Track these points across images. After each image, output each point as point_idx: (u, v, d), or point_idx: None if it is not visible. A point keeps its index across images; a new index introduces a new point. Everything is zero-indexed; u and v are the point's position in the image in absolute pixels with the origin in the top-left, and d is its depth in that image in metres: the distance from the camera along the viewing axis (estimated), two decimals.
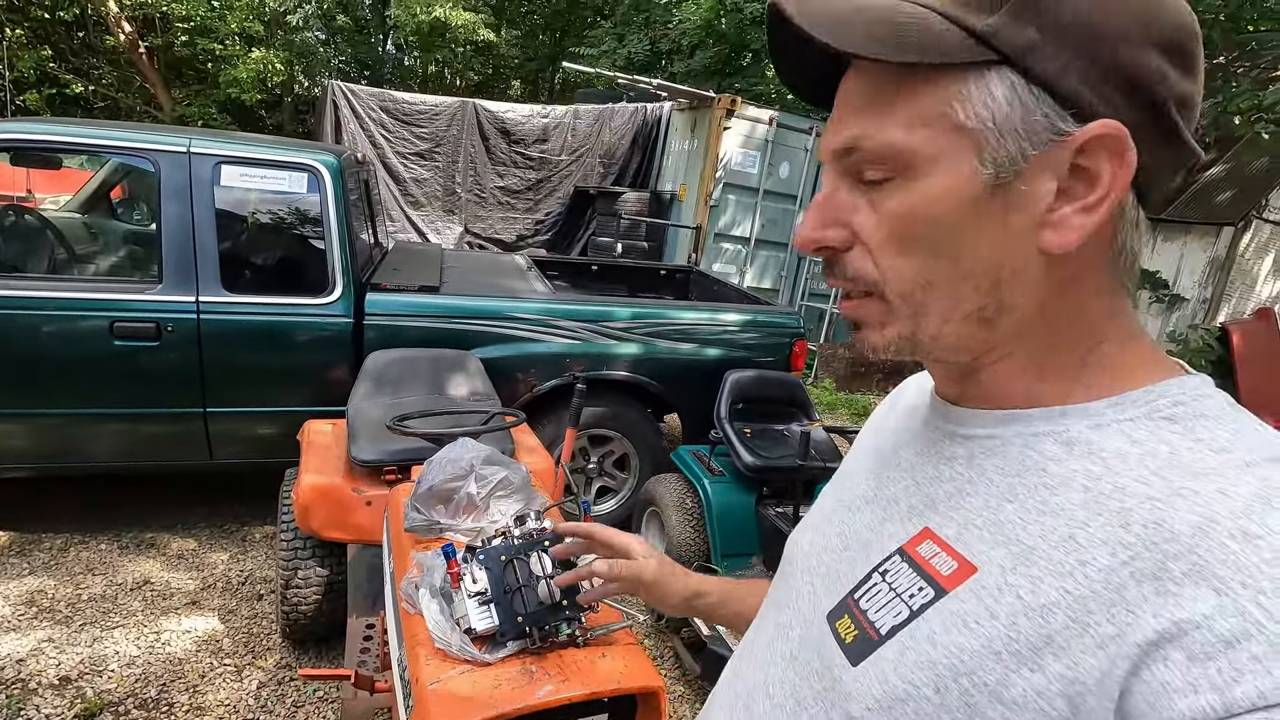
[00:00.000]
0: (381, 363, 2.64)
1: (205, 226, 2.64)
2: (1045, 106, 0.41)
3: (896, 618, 0.46)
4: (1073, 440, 0.44)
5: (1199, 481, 0.39)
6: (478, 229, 7.73)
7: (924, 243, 0.44)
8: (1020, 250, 0.43)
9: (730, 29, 9.41)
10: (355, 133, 7.08)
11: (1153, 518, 0.38)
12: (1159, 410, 0.44)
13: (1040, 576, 0.41)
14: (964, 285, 0.44)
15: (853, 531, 0.56)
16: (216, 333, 2.66)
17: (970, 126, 0.42)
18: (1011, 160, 0.42)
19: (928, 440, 0.54)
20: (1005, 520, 0.44)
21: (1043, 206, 0.42)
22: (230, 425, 2.80)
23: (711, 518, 2.71)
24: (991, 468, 0.47)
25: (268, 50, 10.66)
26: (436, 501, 1.48)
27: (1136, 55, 0.40)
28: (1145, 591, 0.37)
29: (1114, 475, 0.42)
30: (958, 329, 0.46)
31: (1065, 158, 0.41)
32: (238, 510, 3.24)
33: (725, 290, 4.30)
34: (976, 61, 0.41)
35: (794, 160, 6.91)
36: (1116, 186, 0.41)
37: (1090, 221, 0.42)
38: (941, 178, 0.43)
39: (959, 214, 0.43)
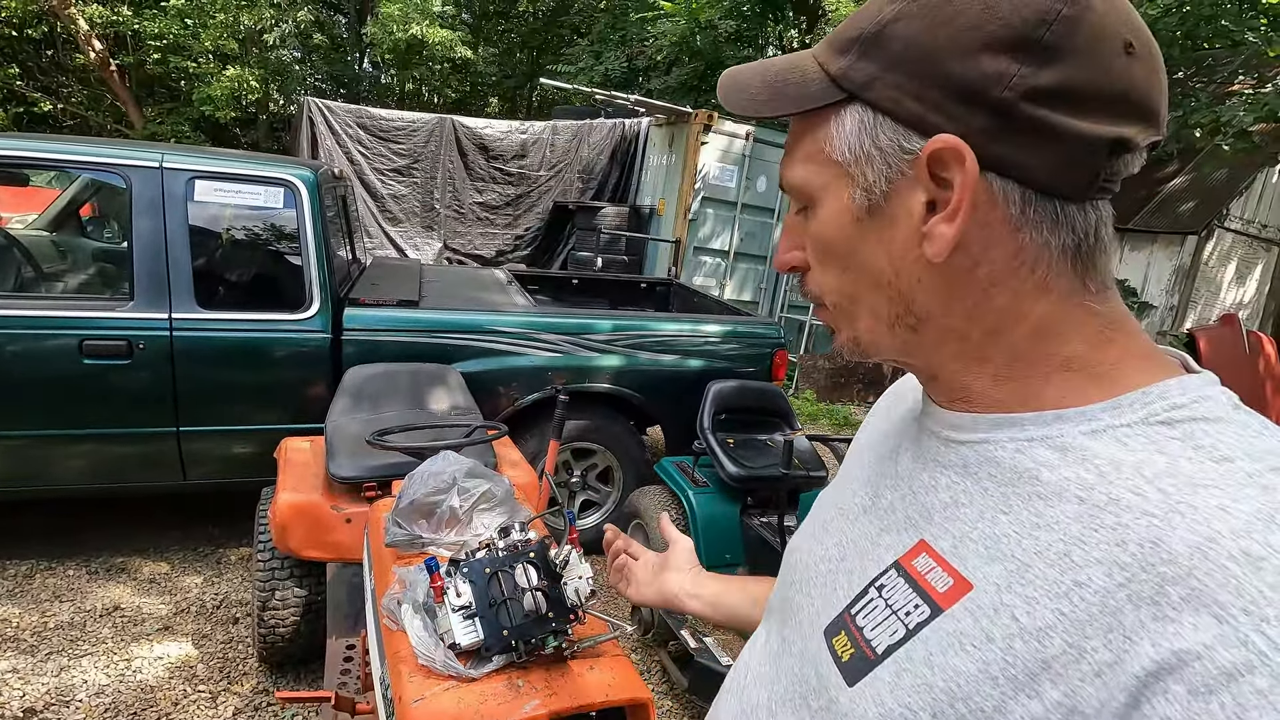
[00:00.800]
0: (360, 378, 2.60)
1: (178, 242, 2.59)
2: (889, 131, 0.45)
3: (893, 636, 0.46)
4: (1066, 446, 0.43)
5: (1198, 495, 0.37)
6: (457, 244, 7.71)
7: (833, 260, 0.50)
8: (910, 261, 0.46)
9: (705, 46, 9.53)
10: (332, 149, 7.04)
11: (1150, 536, 0.37)
12: (1155, 414, 0.42)
13: (1036, 597, 0.40)
14: (874, 295, 0.48)
15: (850, 541, 0.55)
16: (190, 350, 2.61)
17: (837, 159, 0.47)
18: (876, 183, 0.46)
19: (924, 445, 0.54)
20: (1000, 534, 0.43)
21: (917, 220, 0.45)
22: (204, 445, 2.74)
23: (696, 529, 2.70)
24: (986, 476, 0.47)
25: (243, 68, 10.58)
26: (418, 516, 1.45)
27: (968, 65, 0.41)
28: (1143, 617, 0.35)
29: (1108, 484, 0.40)
30: (888, 334, 0.49)
31: (924, 173, 0.44)
32: (212, 532, 3.16)
33: (706, 302, 4.32)
34: (834, 102, 0.47)
35: (770, 174, 6.99)
36: (965, 193, 0.42)
37: (952, 229, 0.43)
38: (830, 204, 0.48)
39: (848, 234, 0.48)
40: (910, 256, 0.46)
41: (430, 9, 11.28)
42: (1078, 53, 0.40)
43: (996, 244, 0.44)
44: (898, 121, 0.44)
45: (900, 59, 0.44)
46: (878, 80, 0.45)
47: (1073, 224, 0.44)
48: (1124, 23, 0.42)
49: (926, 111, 0.43)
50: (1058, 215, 0.43)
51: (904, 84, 0.44)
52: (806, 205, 0.51)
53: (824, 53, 0.49)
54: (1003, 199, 0.43)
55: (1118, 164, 0.43)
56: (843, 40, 0.47)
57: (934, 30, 0.42)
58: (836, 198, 0.48)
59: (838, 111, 0.47)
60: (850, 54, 0.46)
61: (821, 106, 0.47)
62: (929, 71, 0.43)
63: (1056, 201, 0.43)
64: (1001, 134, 0.42)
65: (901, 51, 0.44)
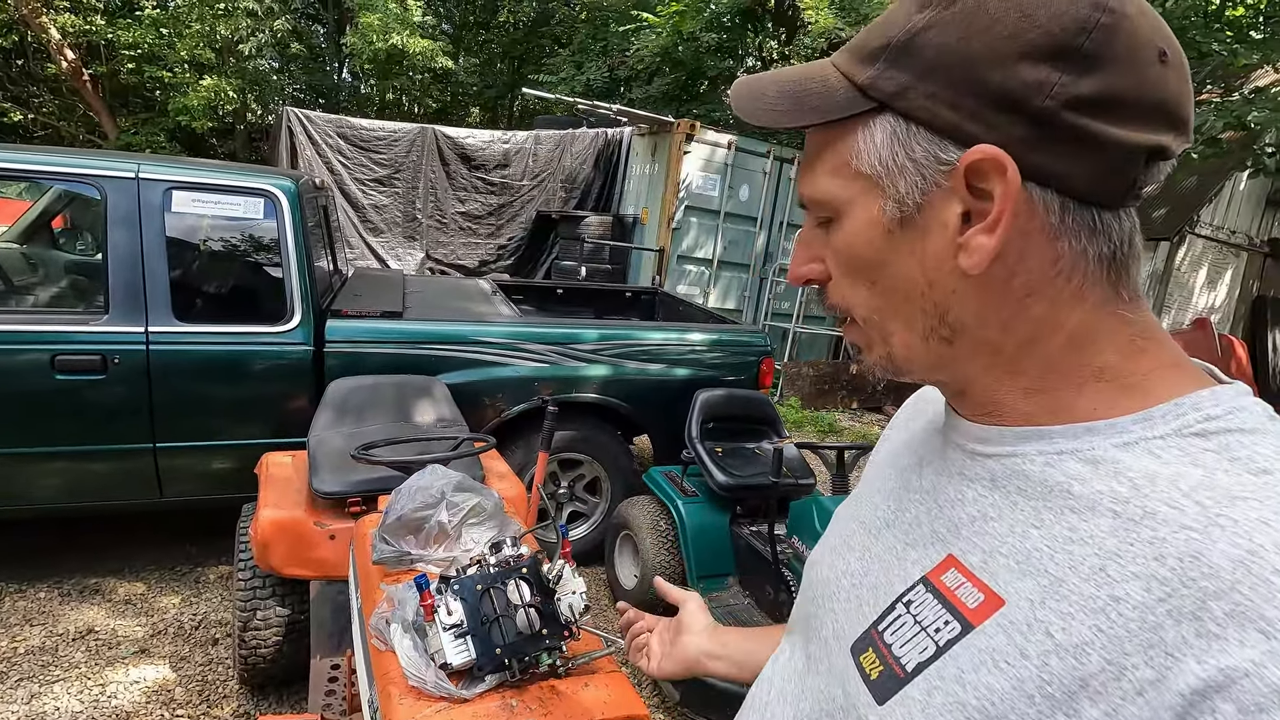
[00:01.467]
0: (343, 391, 2.56)
1: (155, 254, 2.54)
2: (924, 141, 0.44)
3: (923, 654, 0.45)
4: (1098, 459, 0.43)
5: (1237, 508, 0.36)
6: (439, 255, 7.65)
7: (863, 273, 0.48)
8: (946, 273, 0.45)
9: (688, 57, 9.59)
10: (312, 159, 6.97)
11: (1189, 550, 0.36)
12: (1189, 426, 0.41)
13: (1071, 612, 0.39)
14: (908, 308, 0.47)
15: (874, 556, 0.54)
16: (167, 364, 2.55)
17: (866, 171, 0.46)
18: (909, 194, 0.45)
19: (948, 458, 0.52)
20: (1032, 548, 0.42)
21: (952, 231, 0.44)
22: (182, 461, 2.67)
23: (686, 539, 2.68)
24: (1015, 489, 0.46)
25: (219, 78, 10.45)
26: (406, 532, 1.42)
27: (1007, 73, 0.40)
28: (1185, 633, 0.34)
29: (1143, 498, 0.39)
30: (922, 348, 0.48)
31: (960, 184, 0.43)
32: (190, 550, 3.09)
33: (691, 310, 4.32)
34: (862, 112, 0.45)
35: (753, 183, 7.03)
36: (1007, 204, 0.41)
37: (993, 240, 0.42)
38: (859, 217, 0.47)
39: (878, 246, 0.47)
40: (945, 268, 0.45)
41: (410, 19, 11.23)
42: (1117, 61, 0.40)
43: (1034, 253, 0.43)
44: (933, 131, 0.43)
45: (934, 67, 0.43)
46: (910, 89, 0.44)
47: (1109, 232, 0.43)
48: (1157, 31, 0.42)
49: (963, 121, 0.42)
50: (1095, 223, 0.43)
51: (939, 93, 0.43)
52: (830, 218, 0.49)
53: (847, 62, 0.47)
54: (1042, 208, 0.42)
55: (1152, 171, 0.43)
56: (869, 49, 0.46)
57: (970, 39, 0.42)
58: (865, 210, 0.47)
59: (866, 122, 0.46)
60: (879, 63, 0.45)
61: (847, 117, 0.46)
62: (966, 80, 0.42)
63: (1094, 210, 0.43)
64: (1041, 143, 0.41)
65: (936, 60, 0.43)
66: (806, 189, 0.50)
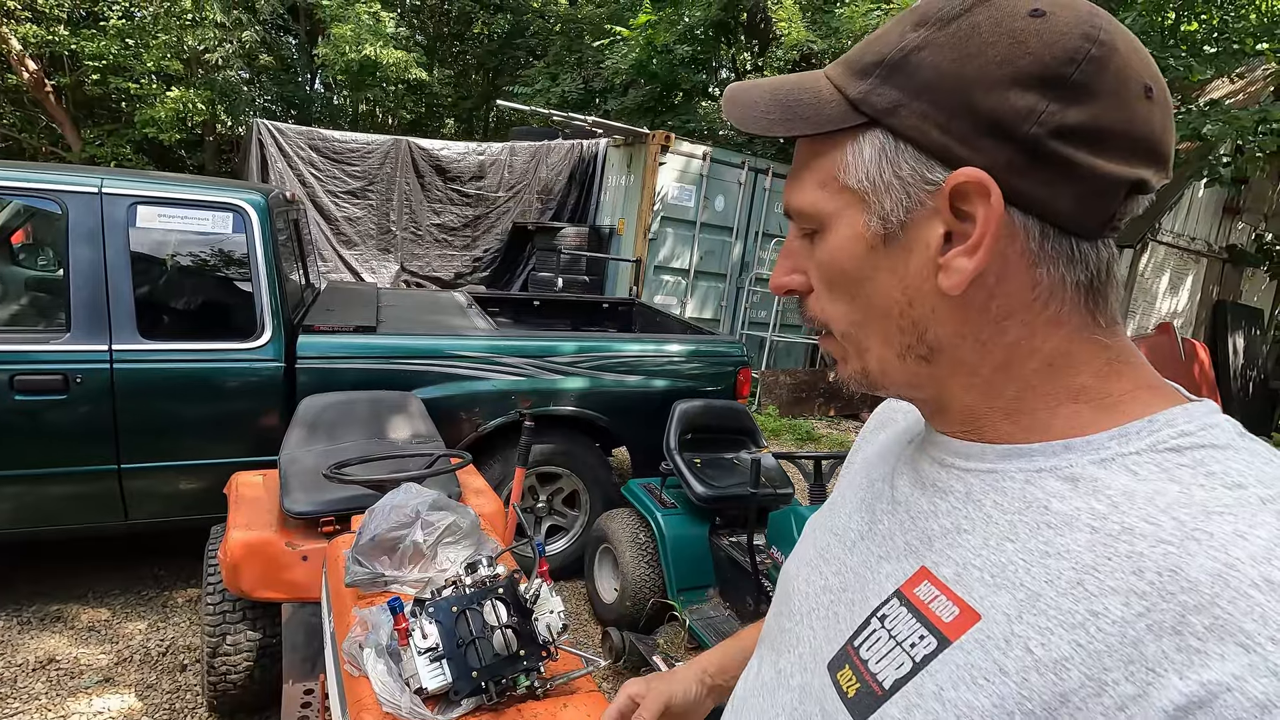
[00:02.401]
0: (316, 408, 2.51)
1: (119, 270, 2.48)
2: (911, 160, 0.44)
3: (899, 670, 0.44)
4: (1076, 476, 0.43)
5: (1213, 522, 0.37)
6: (414, 267, 7.59)
7: (844, 288, 0.48)
8: (926, 292, 0.45)
9: (662, 69, 9.66)
10: (283, 172, 6.89)
11: (1167, 564, 0.36)
12: (1164, 441, 0.42)
13: (1050, 627, 0.39)
14: (886, 324, 0.47)
15: (849, 569, 0.54)
16: (132, 383, 2.49)
17: (853, 186, 0.46)
18: (894, 211, 0.45)
19: (923, 471, 0.52)
20: (1006, 561, 0.42)
21: (934, 251, 0.44)
22: (148, 482, 2.60)
23: (666, 551, 2.67)
24: (990, 504, 0.46)
25: (187, 89, 10.29)
26: (380, 552, 1.40)
27: (998, 99, 0.41)
28: (1165, 648, 0.34)
29: (1120, 514, 0.40)
30: (898, 365, 0.48)
31: (945, 205, 0.43)
32: (157, 574, 3.00)
33: (668, 321, 4.32)
34: (852, 126, 0.45)
35: (728, 193, 7.09)
36: (989, 227, 0.42)
37: (972, 263, 0.42)
38: (843, 231, 0.47)
39: (861, 262, 0.47)
40: (926, 287, 0.45)
41: (383, 30, 11.17)
42: (1104, 94, 0.41)
43: (1013, 278, 0.44)
44: (921, 151, 0.43)
45: (927, 87, 0.43)
46: (902, 107, 0.44)
47: (1086, 261, 0.44)
48: (1144, 67, 0.42)
49: (952, 143, 0.42)
50: (1073, 252, 0.43)
51: (930, 113, 0.43)
52: (815, 230, 0.49)
53: (840, 75, 0.47)
54: (1023, 234, 0.43)
55: (1131, 204, 0.44)
56: (862, 64, 0.46)
57: (963, 61, 0.42)
58: (850, 225, 0.47)
59: (855, 137, 0.46)
60: (871, 78, 0.45)
61: (837, 130, 0.46)
62: (957, 102, 0.42)
63: (1072, 239, 0.43)
64: (1027, 169, 0.41)
65: (929, 80, 0.43)
66: (793, 199, 0.50)
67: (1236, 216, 8.81)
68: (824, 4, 8.24)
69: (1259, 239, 8.98)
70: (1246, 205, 8.81)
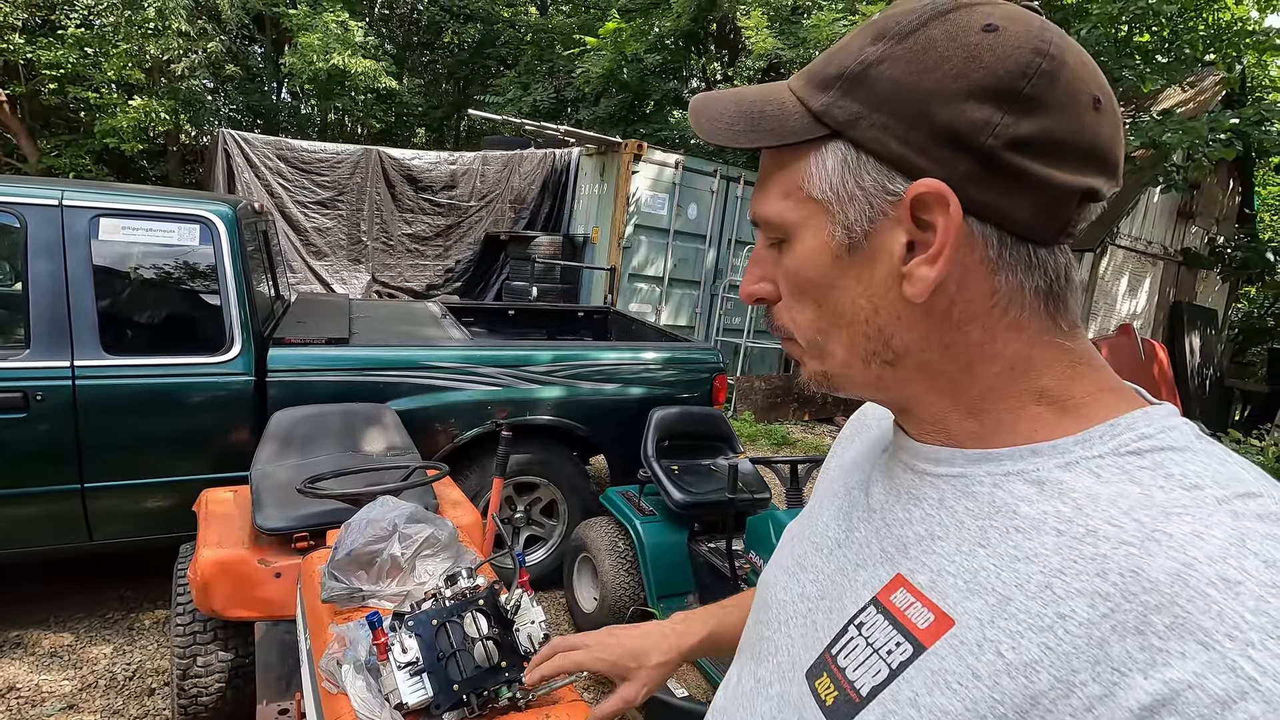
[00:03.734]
0: (288, 421, 2.47)
1: (81, 284, 2.42)
2: (872, 171, 0.45)
3: (876, 677, 0.45)
4: (1043, 480, 0.44)
5: (1172, 523, 0.38)
6: (386, 277, 7.52)
7: (809, 295, 0.49)
8: (890, 300, 0.46)
9: (633, 78, 9.73)
10: (250, 182, 6.78)
11: (1129, 565, 0.37)
12: (1125, 445, 0.43)
13: (1020, 631, 0.40)
14: (851, 331, 0.48)
15: (827, 577, 0.55)
16: (95, 400, 2.42)
17: (816, 196, 0.47)
18: (857, 221, 0.46)
19: (896, 477, 0.53)
20: (979, 567, 0.43)
21: (897, 260, 0.45)
22: (113, 501, 2.53)
23: (645, 558, 2.67)
24: (962, 510, 0.47)
25: (150, 98, 10.08)
26: (357, 567, 1.38)
27: (954, 111, 0.42)
28: (1129, 648, 0.35)
29: (1085, 517, 0.41)
30: (861, 369, 0.49)
31: (906, 215, 0.44)
32: (123, 595, 2.92)
33: (643, 329, 4.34)
34: (815, 138, 0.46)
35: (701, 201, 7.15)
36: (949, 237, 0.43)
37: (934, 272, 0.43)
38: (808, 241, 0.48)
39: (826, 270, 0.48)
40: (890, 295, 0.46)
41: (352, 39, 11.07)
42: (1054, 106, 0.42)
43: (973, 285, 0.45)
44: (881, 162, 0.44)
45: (886, 100, 0.44)
46: (862, 119, 0.44)
47: (1045, 266, 0.45)
48: (1093, 79, 0.44)
49: (911, 154, 0.43)
50: (1031, 258, 0.45)
51: (889, 125, 0.44)
52: (781, 239, 0.50)
53: (802, 87, 0.48)
54: (981, 242, 0.44)
55: (1084, 211, 0.45)
56: (823, 76, 0.47)
57: (921, 75, 0.43)
58: (815, 234, 0.48)
59: (818, 148, 0.47)
60: (832, 91, 0.46)
61: (801, 141, 0.47)
62: (915, 115, 0.43)
63: (1029, 245, 0.45)
64: (983, 180, 0.43)
65: (887, 93, 0.44)
66: (759, 209, 0.51)
67: (1190, 221, 9.12)
68: (791, 14, 8.38)
69: (1211, 242, 9.31)
70: (1199, 210, 9.13)
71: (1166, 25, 6.69)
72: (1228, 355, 9.75)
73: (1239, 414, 9.56)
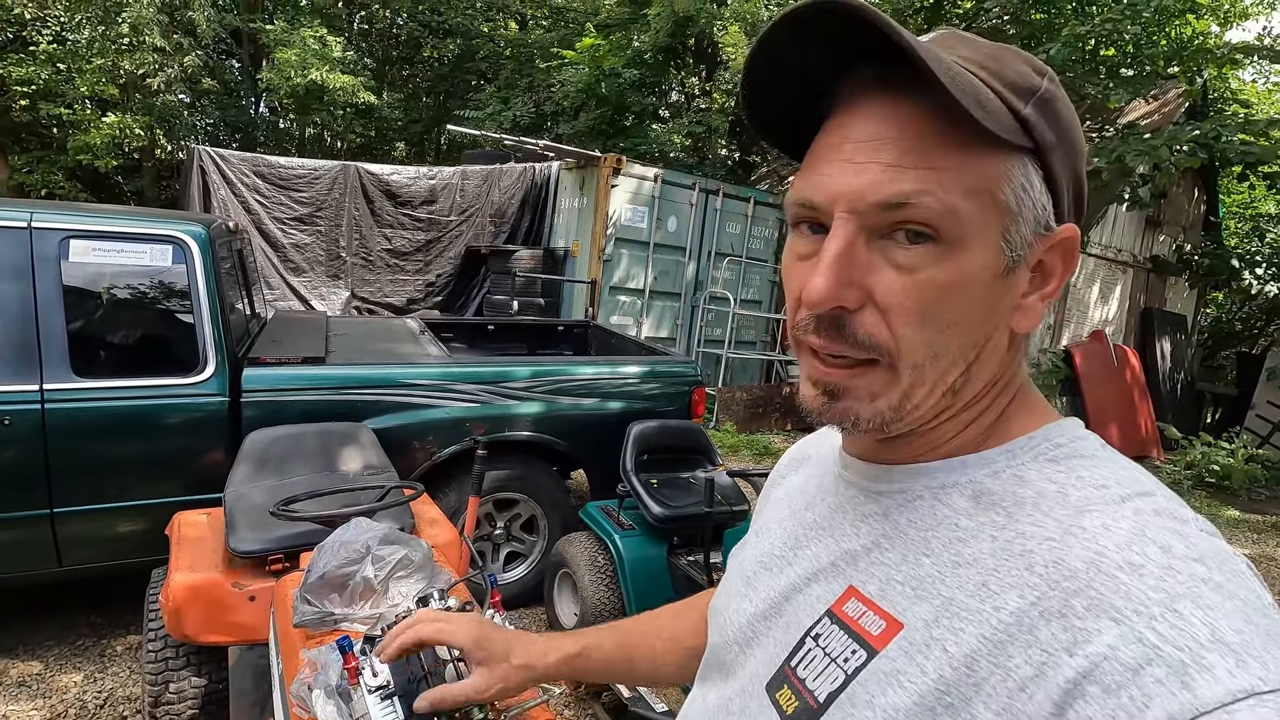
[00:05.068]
0: (262, 442, 2.46)
1: (50, 307, 2.39)
2: (1048, 203, 0.45)
3: (833, 683, 0.47)
4: (979, 493, 0.48)
5: (1085, 518, 0.42)
6: (365, 293, 7.48)
7: (947, 314, 0.44)
8: (1000, 328, 0.48)
9: (611, 92, 9.80)
10: (226, 199, 6.72)
11: (1051, 557, 0.41)
12: (1044, 453, 0.48)
13: (962, 627, 0.43)
14: (959, 356, 0.46)
15: (780, 594, 0.57)
16: (66, 423, 2.39)
17: (1010, 207, 0.43)
18: (1023, 247, 0.45)
19: (843, 496, 0.56)
20: (924, 575, 0.46)
21: (1020, 292, 0.47)
22: (83, 526, 2.49)
23: (624, 573, 2.68)
24: (905, 522, 0.50)
25: (124, 114, 9.97)
26: (329, 590, 1.38)
27: (1084, 171, 0.47)
28: (1055, 630, 0.39)
29: (1014, 521, 0.45)
30: (936, 401, 0.47)
31: (1041, 251, 0.46)
32: (94, 621, 2.86)
33: (623, 343, 4.35)
34: (1018, 145, 0.43)
35: (680, 214, 7.21)
36: (1064, 280, 0.48)
37: (1044, 309, 0.48)
38: (981, 252, 0.43)
39: (981, 290, 0.44)
40: (1003, 323, 0.48)
41: (330, 55, 11.06)
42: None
43: None
44: (1051, 196, 0.46)
45: (1064, 138, 0.46)
46: (1056, 149, 0.45)
47: None
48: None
49: (1065, 198, 0.47)
50: None
51: (1065, 164, 0.46)
52: (932, 240, 0.43)
53: (998, 82, 0.43)
54: None
55: None
56: (1017, 84, 0.44)
57: (1074, 129, 0.47)
58: (987, 246, 0.44)
59: (1022, 158, 0.44)
60: (1030, 105, 0.44)
61: (997, 141, 0.42)
62: (1072, 164, 0.47)
63: None
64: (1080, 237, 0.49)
65: (1065, 131, 0.46)
66: (929, 194, 0.42)
67: (1158, 229, 9.34)
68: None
69: (1179, 249, 9.54)
70: (1166, 218, 9.36)
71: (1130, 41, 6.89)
72: (1198, 359, 9.97)
73: (1210, 417, 9.76)
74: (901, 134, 0.42)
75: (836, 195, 0.44)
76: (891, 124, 0.43)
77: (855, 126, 0.44)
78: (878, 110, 0.44)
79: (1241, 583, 0.38)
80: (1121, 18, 5.83)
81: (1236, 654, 0.34)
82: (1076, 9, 7.19)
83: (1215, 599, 0.36)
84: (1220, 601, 0.36)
